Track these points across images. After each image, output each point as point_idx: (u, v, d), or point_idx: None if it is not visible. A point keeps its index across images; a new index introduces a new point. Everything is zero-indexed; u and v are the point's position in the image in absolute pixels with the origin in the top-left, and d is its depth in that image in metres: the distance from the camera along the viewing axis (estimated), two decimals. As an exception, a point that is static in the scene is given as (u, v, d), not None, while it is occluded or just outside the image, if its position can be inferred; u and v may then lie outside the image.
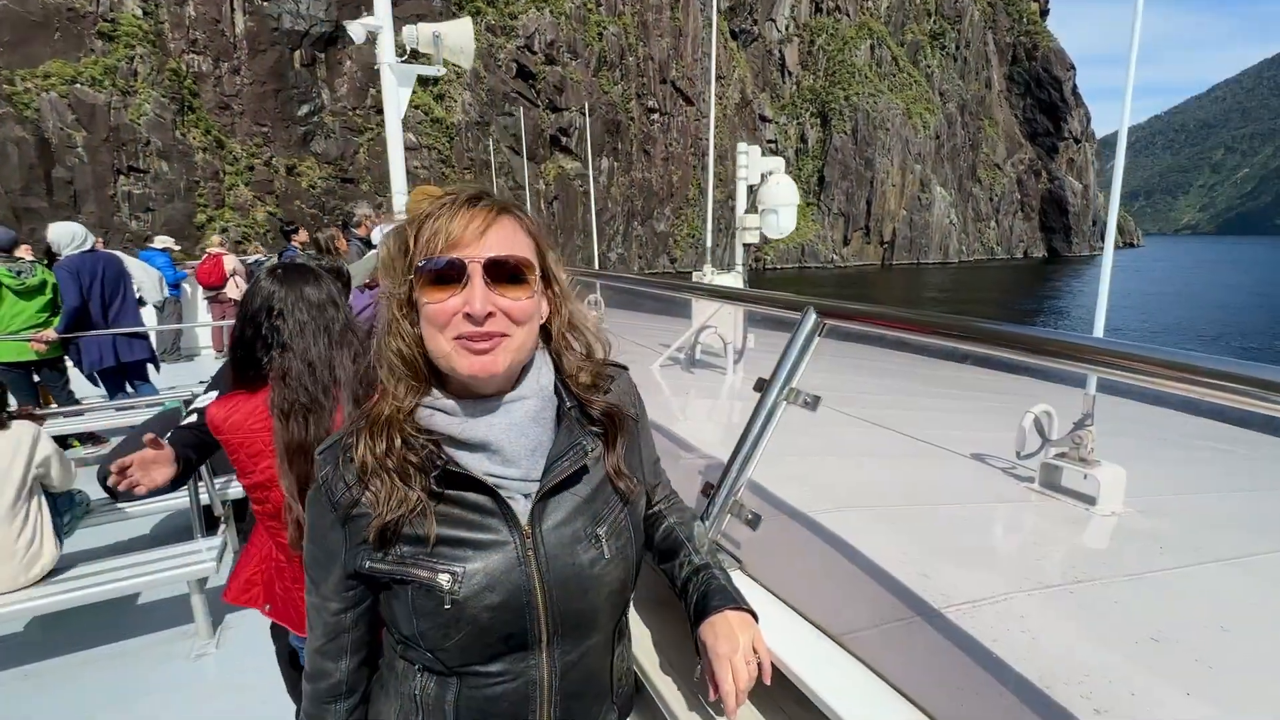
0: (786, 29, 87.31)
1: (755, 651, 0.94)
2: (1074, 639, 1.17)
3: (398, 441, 0.80)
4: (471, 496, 0.82)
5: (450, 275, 0.76)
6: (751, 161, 4.11)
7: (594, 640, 0.90)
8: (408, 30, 5.05)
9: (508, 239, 0.79)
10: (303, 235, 7.14)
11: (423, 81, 5.61)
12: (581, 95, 61.04)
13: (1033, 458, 2.00)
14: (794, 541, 1.42)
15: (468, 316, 0.76)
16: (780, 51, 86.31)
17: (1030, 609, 1.23)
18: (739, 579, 1.22)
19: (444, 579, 0.79)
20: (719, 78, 75.13)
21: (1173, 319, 34.68)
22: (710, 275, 4.18)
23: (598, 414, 0.91)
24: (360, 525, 0.81)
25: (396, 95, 5.10)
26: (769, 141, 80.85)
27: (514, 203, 0.84)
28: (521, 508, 0.84)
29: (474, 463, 0.82)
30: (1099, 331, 2.03)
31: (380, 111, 5.52)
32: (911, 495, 1.93)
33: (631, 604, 1.05)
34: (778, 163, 4.11)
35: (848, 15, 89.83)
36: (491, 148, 51.11)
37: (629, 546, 0.92)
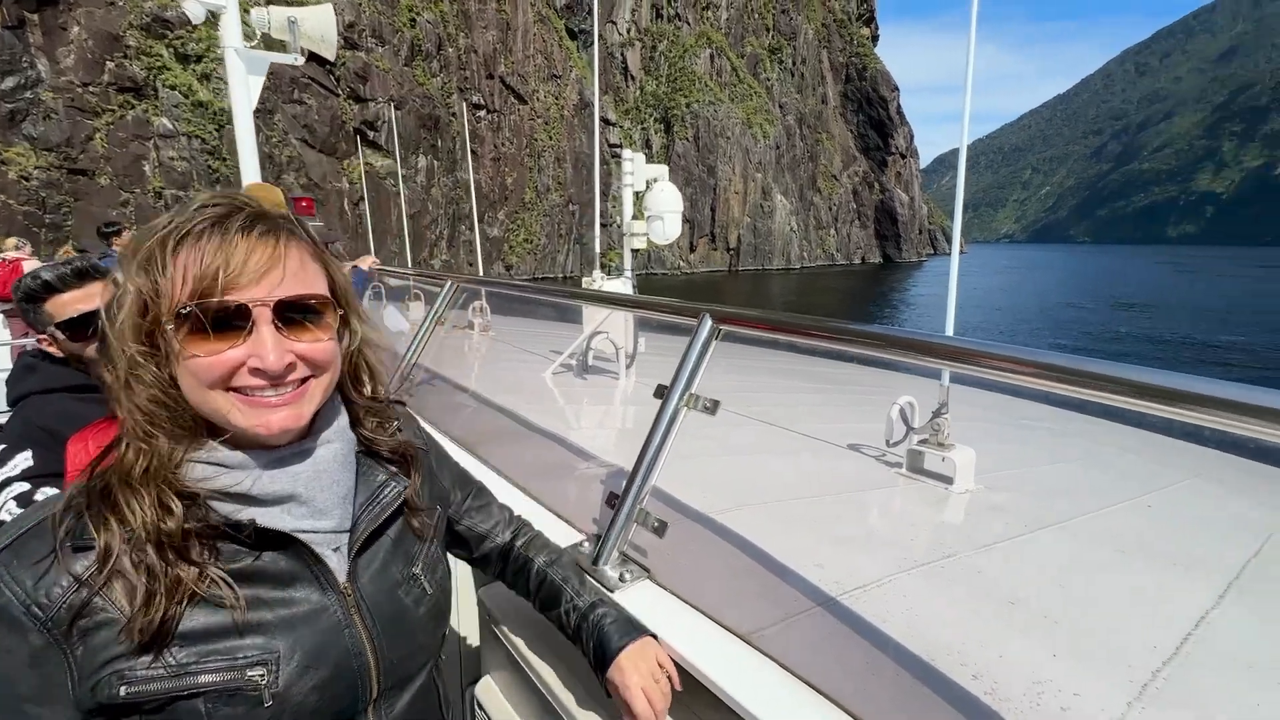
0: (628, 32, 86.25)
1: (662, 667, 0.95)
2: (948, 611, 1.32)
3: (173, 507, 0.63)
4: (271, 562, 0.69)
5: (228, 322, 0.63)
6: (637, 169, 4.10)
7: (420, 680, 0.84)
8: (257, 13, 4.77)
9: (297, 272, 0.67)
10: (125, 238, 6.26)
11: (182, 59, 3.48)
12: (390, 86, 55.04)
13: (900, 445, 2.20)
14: (700, 545, 1.49)
15: (256, 371, 0.64)
16: (622, 55, 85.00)
17: (910, 587, 1.37)
18: (648, 589, 1.23)
19: (256, 673, 0.64)
20: (555, 76, 71.92)
21: (1002, 316, 38.19)
22: (600, 281, 4.13)
23: (389, 451, 0.85)
24: (100, 639, 0.61)
25: (246, 86, 4.80)
26: (613, 145, 79.00)
27: (294, 220, 0.71)
28: (337, 563, 0.74)
29: (278, 520, 0.69)
30: (949, 329, 2.33)
31: (125, 90, 2.58)
32: (802, 488, 2.07)
33: (533, 638, 1.14)
34: (662, 170, 4.13)
35: (688, 23, 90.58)
36: (277, 139, 44.01)
37: (445, 576, 0.90)
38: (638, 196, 4.15)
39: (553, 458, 2.16)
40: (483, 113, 63.22)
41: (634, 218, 4.14)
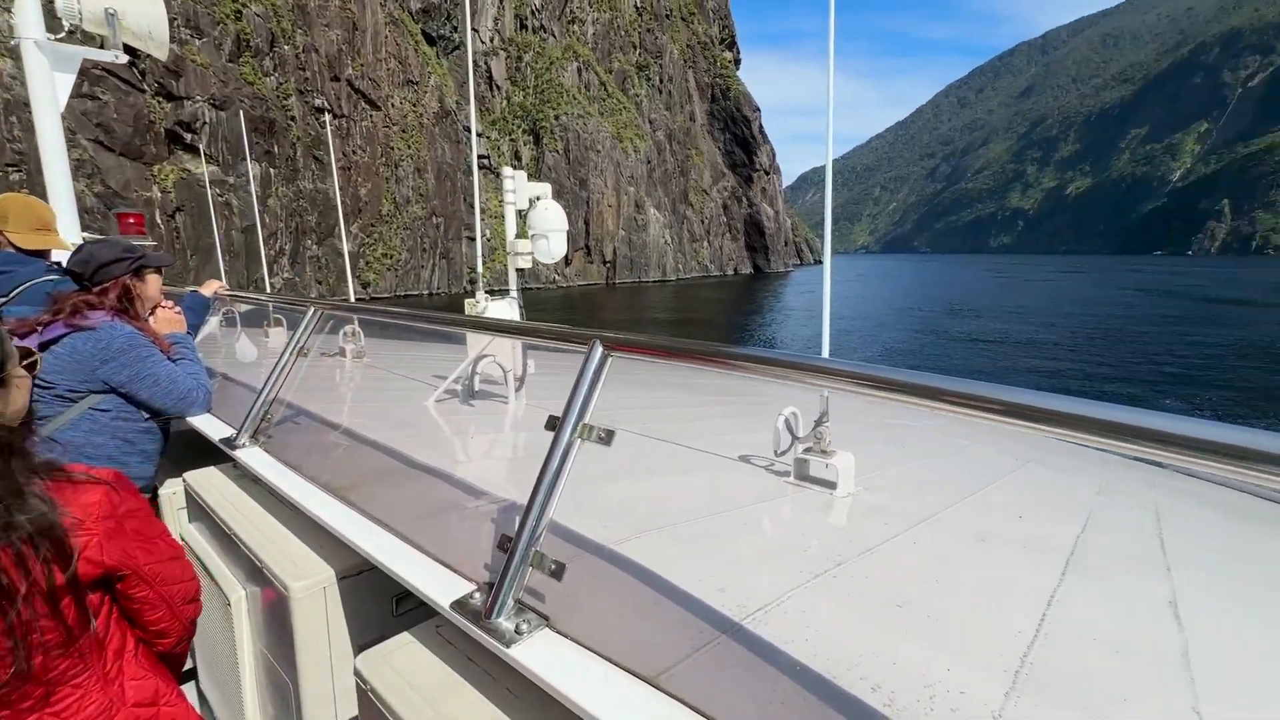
0: (491, 41, 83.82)
1: None
2: (844, 622, 1.34)
3: None
4: None
5: None
6: (519, 186, 4.05)
7: None
8: (64, 3, 4.24)
9: None
10: None
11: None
12: (210, 83, 48.69)
13: (787, 454, 2.29)
14: (602, 582, 1.45)
15: None
16: (487, 64, 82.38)
17: (808, 602, 1.39)
18: (548, 640, 1.20)
19: None
20: (412, 82, 67.80)
21: (861, 322, 40.66)
22: (484, 302, 3.91)
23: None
24: None
25: (51, 83, 4.31)
26: (481, 157, 76.00)
27: None
28: None
29: None
30: (826, 349, 2.51)
31: None
32: (700, 507, 2.06)
33: None
34: (544, 188, 4.10)
35: (554, 36, 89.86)
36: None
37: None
38: (520, 215, 4.09)
39: (438, 498, 1.99)
40: (328, 117, 57.91)
41: (517, 236, 4.05)
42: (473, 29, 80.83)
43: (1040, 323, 40.38)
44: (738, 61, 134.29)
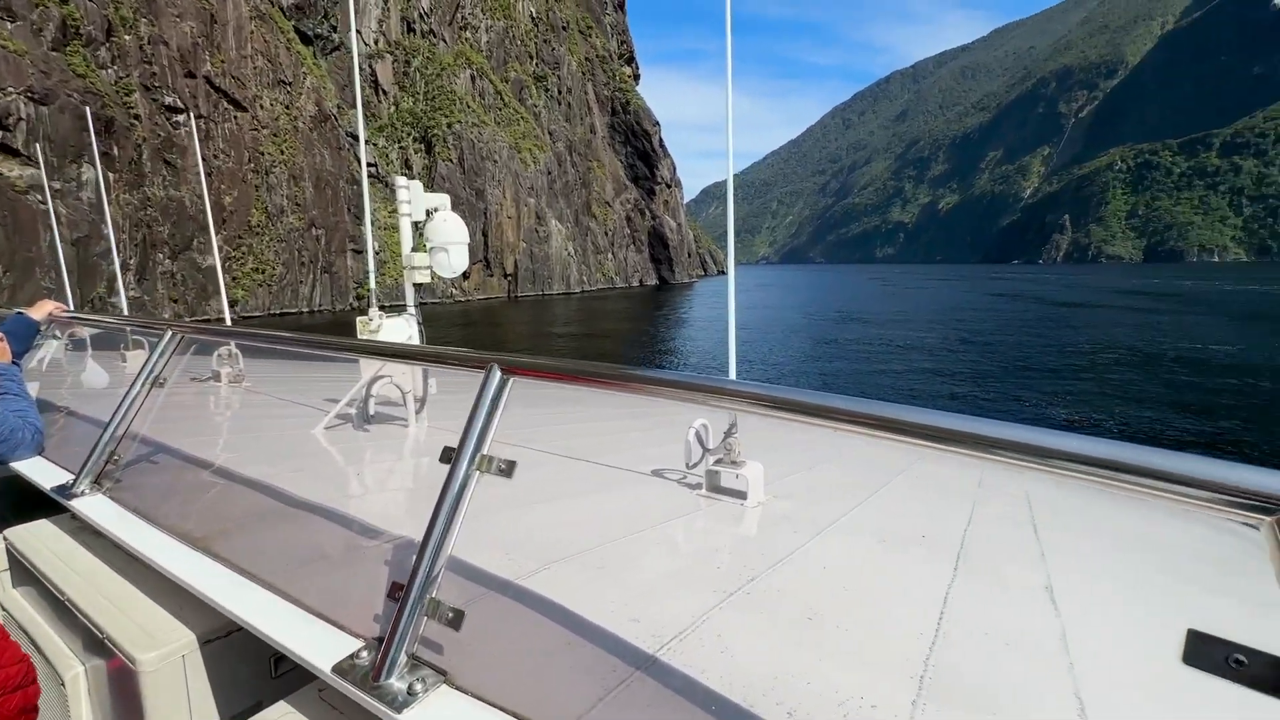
0: (376, 44, 79.41)
1: None
2: (758, 641, 1.32)
3: None
4: None
5: None
6: (414, 197, 3.81)
7: None
8: None
9: None
10: None
11: None
12: (26, 73, 42.13)
13: (698, 465, 2.28)
14: (506, 626, 1.37)
15: None
16: (371, 67, 77.87)
17: (722, 624, 1.36)
18: (446, 699, 1.09)
19: None
20: (284, 83, 62.58)
21: (761, 332, 41.57)
22: (378, 320, 3.72)
23: None
24: None
25: None
26: (369, 165, 71.30)
27: None
28: None
29: None
30: (733, 369, 2.54)
31: None
32: (611, 529, 2.00)
33: None
34: (443, 199, 3.93)
35: (444, 41, 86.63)
36: None
37: None
38: (416, 227, 3.85)
39: (322, 542, 1.82)
40: (182, 118, 51.91)
41: (414, 249, 3.84)
42: (355, 29, 76.24)
43: (921, 328, 43.02)
44: (637, 77, 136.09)
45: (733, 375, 2.82)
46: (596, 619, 1.31)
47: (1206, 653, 0.65)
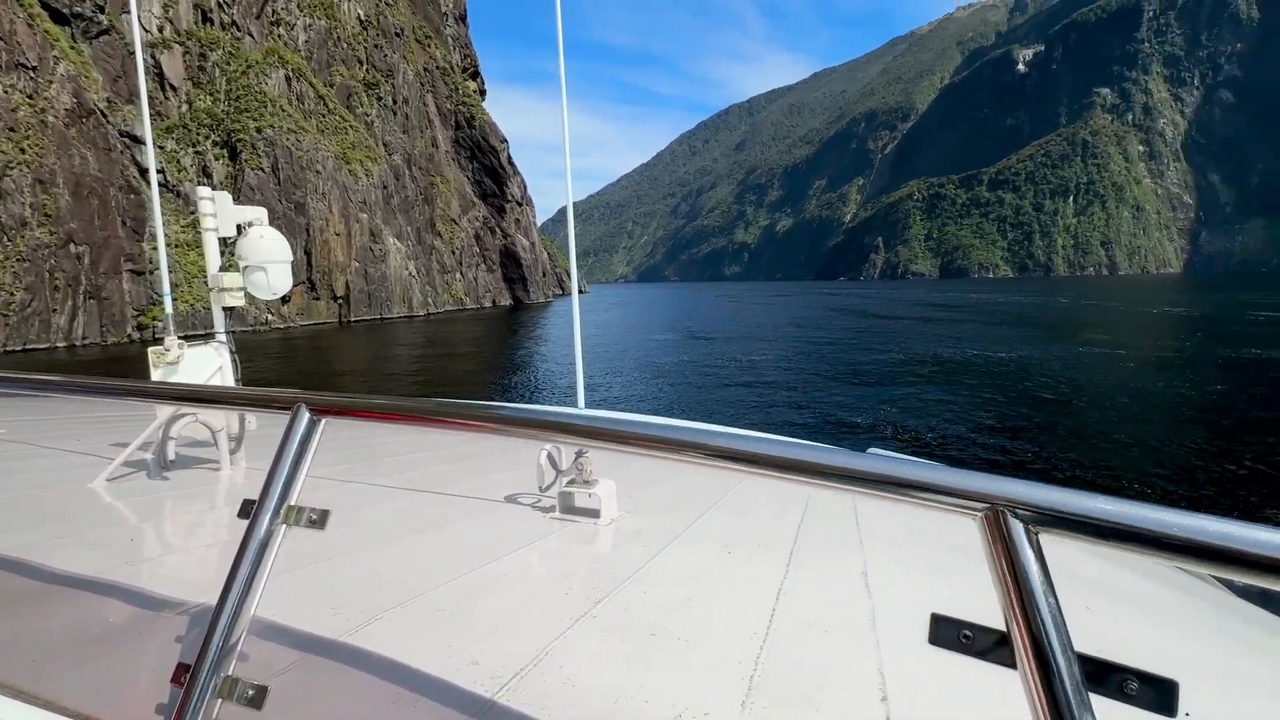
0: (161, 31, 68.14)
1: None
2: (602, 665, 1.28)
3: None
4: None
5: None
6: (221, 209, 3.47)
7: None
8: None
9: None
10: None
11: None
12: None
13: (552, 488, 2.27)
14: (324, 693, 1.22)
15: None
16: (155, 58, 66.53)
17: (566, 653, 1.33)
18: None
19: None
20: (26, 66, 50.98)
21: (614, 350, 41.72)
22: (178, 351, 3.31)
23: None
24: None
25: None
26: (157, 171, 60.24)
27: None
28: None
29: None
30: (581, 399, 2.54)
31: None
32: (455, 566, 1.89)
33: None
34: (258, 213, 3.63)
35: (251, 36, 76.85)
36: None
37: None
38: (225, 243, 3.59)
39: (91, 623, 1.55)
40: None
41: (223, 269, 3.57)
42: (124, 11, 64.97)
43: (762, 341, 45.09)
44: (483, 92, 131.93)
45: (581, 403, 2.81)
46: (431, 668, 1.23)
47: (944, 632, 0.73)
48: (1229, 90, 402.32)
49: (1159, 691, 0.61)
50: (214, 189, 3.50)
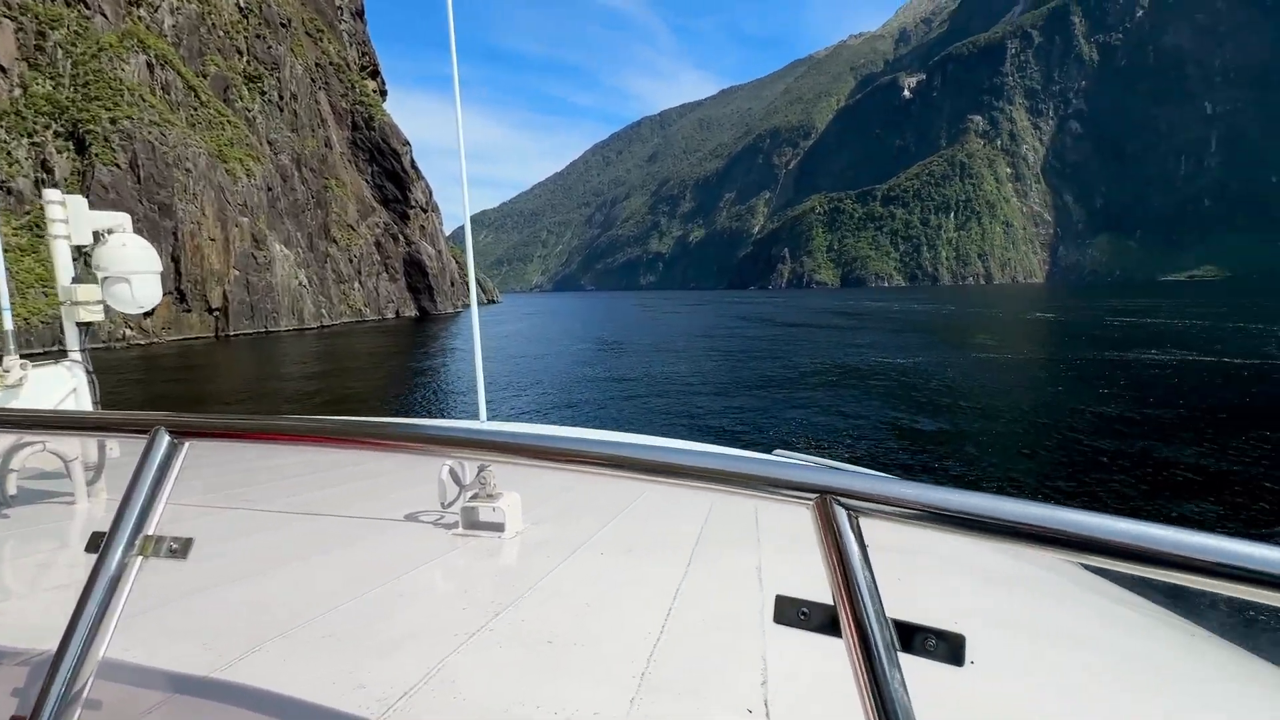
0: (-14, 3, 58.93)
1: None
2: (494, 679, 1.28)
3: None
4: None
5: None
6: (75, 215, 3.22)
7: None
8: None
9: None
10: None
11: None
12: None
13: (455, 504, 2.22)
14: None
15: None
16: (-22, 33, 57.37)
17: (458, 668, 1.31)
18: None
19: None
20: None
21: (525, 361, 40.15)
22: (19, 372, 3.06)
23: None
24: None
25: None
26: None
27: None
28: None
29: None
30: (483, 411, 2.54)
31: None
32: (348, 588, 1.85)
33: None
34: (121, 218, 3.40)
35: (104, 15, 68.21)
36: None
37: None
38: (80, 251, 3.33)
39: None
40: None
41: (77, 280, 3.33)
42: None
43: (675, 352, 44.76)
44: (384, 92, 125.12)
45: (483, 417, 2.78)
46: (314, 696, 1.18)
47: (786, 611, 0.79)
48: (1076, 121, 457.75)
49: (951, 645, 0.70)
50: (58, 186, 2.40)
